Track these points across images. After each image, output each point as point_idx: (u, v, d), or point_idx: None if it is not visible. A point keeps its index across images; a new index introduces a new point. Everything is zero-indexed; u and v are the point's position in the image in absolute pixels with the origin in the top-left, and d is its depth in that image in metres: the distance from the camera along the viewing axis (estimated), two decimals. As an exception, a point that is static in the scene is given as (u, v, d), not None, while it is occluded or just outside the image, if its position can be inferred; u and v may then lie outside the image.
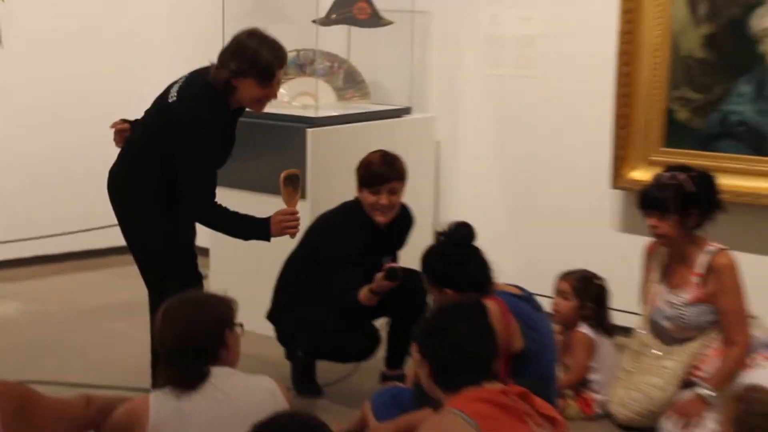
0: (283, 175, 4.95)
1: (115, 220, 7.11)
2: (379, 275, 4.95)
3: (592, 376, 5.23)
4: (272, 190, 5.21)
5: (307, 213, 5.75)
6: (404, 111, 6.73)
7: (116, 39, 7.78)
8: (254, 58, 4.69)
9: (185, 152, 4.72)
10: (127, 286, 6.83)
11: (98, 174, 7.18)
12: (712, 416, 4.68)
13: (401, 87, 6.85)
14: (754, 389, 3.73)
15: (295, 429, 2.67)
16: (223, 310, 3.55)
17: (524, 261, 6.36)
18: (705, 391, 4.74)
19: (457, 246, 4.62)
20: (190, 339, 3.41)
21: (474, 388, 3.29)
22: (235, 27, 6.52)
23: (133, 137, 5.02)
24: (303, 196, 5.90)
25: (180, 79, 4.95)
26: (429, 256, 4.68)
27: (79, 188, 7.57)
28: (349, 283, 5.06)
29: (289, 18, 6.89)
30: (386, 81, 6.94)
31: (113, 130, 5.14)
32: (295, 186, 4.94)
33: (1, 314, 3.52)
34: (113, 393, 5.11)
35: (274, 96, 4.90)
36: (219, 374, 3.41)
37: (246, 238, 4.97)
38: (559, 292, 5.33)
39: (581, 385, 5.22)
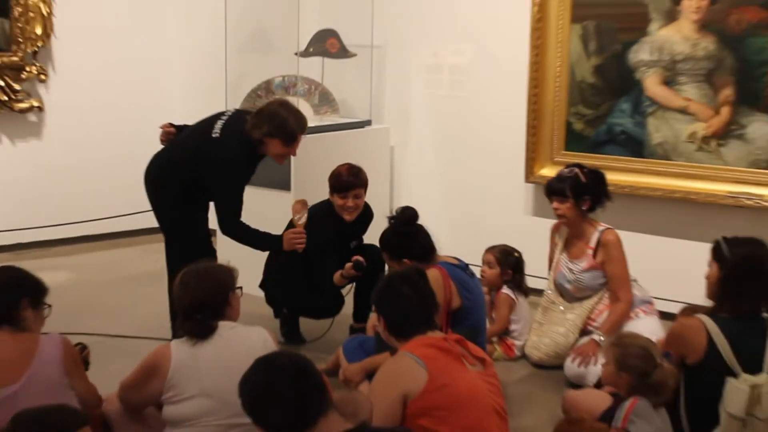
0: (293, 203, 5.09)
1: (141, 208, 7.22)
2: (349, 265, 5.09)
3: (513, 327, 5.33)
4: (266, 185, 5.32)
5: (290, 201, 5.77)
6: (366, 123, 6.78)
7: (139, 68, 7.78)
8: (283, 126, 4.81)
9: (220, 186, 4.86)
10: (152, 260, 6.80)
11: (129, 174, 7.26)
12: (602, 355, 4.83)
13: (363, 104, 6.87)
14: (627, 336, 3.90)
15: (285, 361, 2.76)
16: (226, 277, 3.63)
17: (458, 237, 6.38)
18: (598, 337, 4.87)
19: (405, 224, 4.69)
20: (201, 300, 3.49)
21: (421, 337, 3.41)
22: (235, 59, 6.66)
23: (177, 145, 5.06)
24: (288, 189, 6.05)
25: (224, 115, 5.01)
26: (385, 235, 4.75)
27: (113, 185, 7.59)
28: (326, 267, 5.17)
29: (276, 51, 7.01)
30: (351, 99, 6.97)
31: (161, 130, 5.21)
32: (302, 211, 5.03)
33: (55, 282, 3.61)
34: (141, 341, 5.34)
35: (294, 154, 5.00)
36: (224, 327, 3.50)
37: (263, 250, 5.14)
38: (486, 262, 5.39)
39: (504, 333, 5.33)
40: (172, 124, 5.26)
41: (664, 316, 5.22)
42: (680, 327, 3.94)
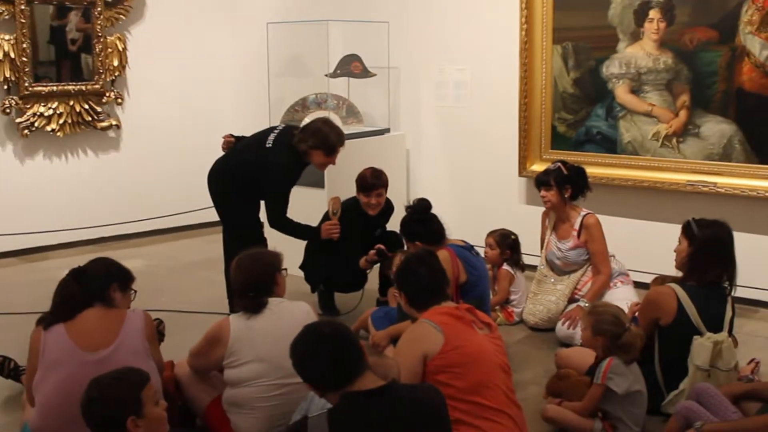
0: (329, 199, 5.06)
1: (201, 206, 7.23)
2: (372, 252, 5.04)
3: (512, 297, 5.24)
4: (304, 184, 5.26)
5: (325, 197, 5.78)
6: (385, 131, 6.70)
7: (198, 91, 7.78)
8: (325, 140, 4.76)
9: (271, 188, 4.83)
10: (211, 249, 6.77)
11: (190, 178, 7.34)
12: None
13: (382, 115, 6.82)
14: (600, 305, 3.83)
15: (328, 329, 2.72)
16: (273, 260, 3.59)
17: (464, 224, 6.18)
18: (583, 303, 4.81)
19: (419, 212, 4.62)
20: (253, 280, 3.46)
21: (436, 307, 3.35)
22: (276, 82, 6.62)
23: (236, 152, 5.02)
24: (322, 187, 5.99)
25: (276, 128, 5.00)
26: (403, 221, 4.68)
27: (177, 187, 7.57)
28: (355, 251, 5.12)
29: (310, 73, 6.96)
30: (372, 111, 6.90)
31: (223, 139, 5.18)
32: (336, 206, 5.00)
33: (133, 267, 3.58)
34: (204, 315, 5.29)
35: (334, 163, 4.93)
36: (273, 302, 3.47)
37: (305, 239, 5.11)
38: (487, 245, 5.31)
39: (505, 302, 5.24)
40: (232, 135, 5.23)
41: (638, 285, 5.16)
42: (655, 294, 3.90)
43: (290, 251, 4.47)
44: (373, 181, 5.16)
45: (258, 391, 3.32)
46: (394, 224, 5.26)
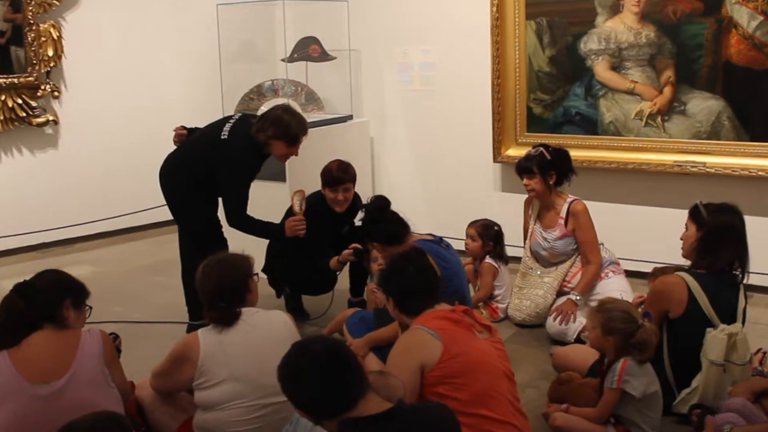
0: (292, 193, 4.77)
1: (150, 205, 6.92)
2: (347, 252, 4.78)
3: (496, 292, 5.02)
4: (263, 178, 4.94)
5: (287, 191, 5.51)
6: (348, 117, 6.46)
7: (142, 80, 7.40)
8: (287, 129, 4.49)
9: (229, 184, 4.53)
10: (163, 251, 6.62)
11: (136, 175, 7.03)
12: (579, 313, 4.57)
13: (344, 101, 6.59)
14: (608, 301, 3.58)
15: (320, 347, 2.38)
16: (245, 264, 3.29)
17: (435, 214, 6.16)
18: (574, 296, 4.62)
19: (373, 212, 4.38)
20: (224, 288, 3.16)
21: (429, 311, 3.09)
22: (228, 68, 6.34)
23: (188, 146, 4.74)
24: (284, 180, 5.70)
25: (231, 118, 4.71)
26: (361, 222, 4.46)
27: (124, 186, 7.26)
28: (321, 250, 4.88)
29: (265, 57, 6.75)
30: (334, 98, 6.66)
31: (174, 132, 4.89)
32: (301, 200, 4.70)
33: (80, 275, 3.23)
34: (161, 325, 5.03)
35: (296, 154, 4.67)
36: (247, 313, 3.17)
37: (268, 238, 4.84)
38: (469, 236, 5.07)
39: (489, 298, 5.02)
40: (184, 127, 4.93)
41: (628, 274, 4.96)
42: (662, 284, 3.70)
43: (251, 253, 4.17)
44: (339, 174, 4.87)
45: (234, 414, 3.01)
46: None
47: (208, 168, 4.53)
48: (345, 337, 4.29)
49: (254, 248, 4.67)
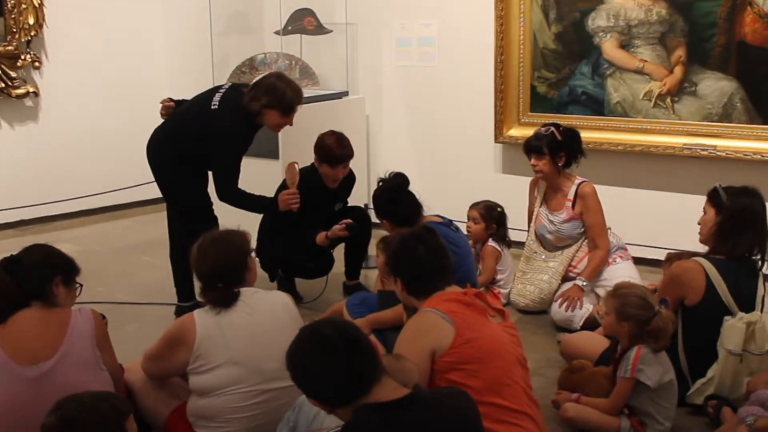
0: (287, 166, 4.65)
1: (137, 181, 6.79)
2: (338, 227, 4.67)
3: (499, 276, 4.92)
4: (255, 154, 4.86)
5: (280, 168, 5.42)
6: (343, 94, 6.34)
7: (128, 50, 7.23)
8: (282, 97, 4.36)
9: (220, 156, 4.41)
10: (147, 229, 6.53)
11: (121, 150, 6.90)
12: (586, 299, 4.50)
13: (340, 76, 6.47)
14: (624, 286, 3.50)
15: (332, 331, 2.27)
16: (242, 241, 3.17)
17: (433, 196, 5.75)
18: (581, 282, 4.54)
19: (389, 190, 4.28)
20: (222, 267, 3.04)
21: (440, 293, 2.97)
22: (220, 39, 6.22)
23: (176, 118, 4.59)
24: (276, 158, 5.59)
25: (222, 88, 4.56)
26: (374, 195, 4.35)
27: (107, 161, 7.11)
28: (315, 228, 4.77)
29: (258, 30, 6.64)
30: (329, 73, 6.54)
31: (161, 104, 4.72)
32: (294, 174, 4.58)
33: (61, 253, 3.16)
34: (148, 306, 4.94)
35: (291, 123, 4.53)
36: (246, 293, 3.05)
37: (260, 212, 4.70)
38: (471, 218, 4.97)
39: (491, 283, 4.92)
40: (171, 99, 4.77)
41: (636, 260, 4.88)
42: (679, 269, 3.61)
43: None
44: (341, 152, 4.76)
45: (233, 400, 2.89)
46: (355, 198, 5.00)
47: (198, 140, 4.40)
48: (346, 318, 4.19)
49: (247, 228, 4.62)
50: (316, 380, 2.24)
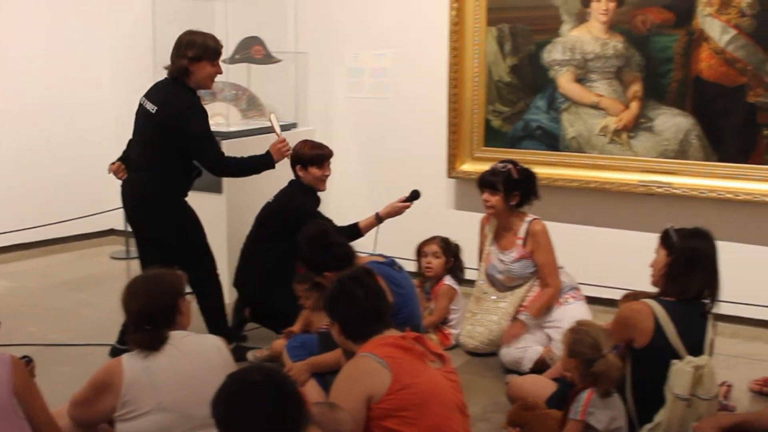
0: (270, 115, 4.97)
1: (75, 214, 6.75)
2: (402, 198, 5.11)
3: (451, 316, 5.00)
4: (199, 189, 4.88)
5: (223, 204, 5.52)
6: (292, 125, 6.40)
7: (69, 77, 7.22)
8: (205, 45, 4.53)
9: (195, 134, 4.50)
10: (86, 265, 6.53)
11: (62, 183, 6.86)
12: (534, 339, 4.60)
13: (288, 107, 6.55)
14: (584, 323, 3.59)
15: (260, 377, 2.32)
16: (176, 284, 3.19)
17: (383, 233, 5.91)
18: (524, 317, 4.65)
19: (315, 240, 4.27)
20: (151, 309, 3.06)
21: (378, 337, 3.06)
22: (165, 65, 6.23)
23: (140, 157, 4.62)
24: (220, 192, 5.62)
25: (145, 95, 4.65)
26: (303, 255, 4.31)
27: (42, 194, 7.08)
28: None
29: None
30: (277, 103, 6.59)
31: (111, 172, 4.74)
32: (277, 122, 4.90)
33: (-8, 290, 3.18)
34: (83, 348, 4.91)
35: (221, 72, 4.69)
36: (176, 336, 3.08)
37: (258, 171, 4.80)
38: (432, 253, 5.04)
39: (442, 323, 5.00)
40: (117, 161, 4.78)
41: (589, 300, 4.96)
42: (628, 311, 3.70)
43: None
44: (326, 150, 5.09)
45: (161, 447, 2.91)
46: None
47: (179, 151, 4.49)
48: (284, 361, 4.25)
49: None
50: (241, 428, 2.28)
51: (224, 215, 5.57)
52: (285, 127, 6.28)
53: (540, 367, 4.42)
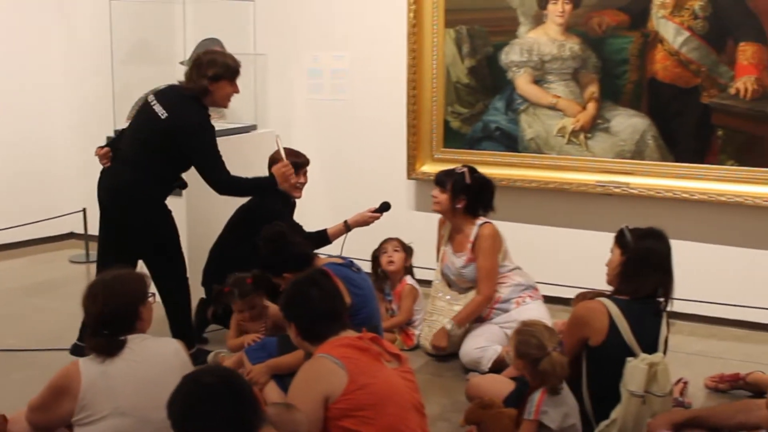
0: (276, 138, 4.97)
1: (27, 219, 6.69)
2: (371, 209, 5.10)
3: (416, 317, 5.05)
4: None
5: (183, 209, 5.47)
6: (252, 127, 6.41)
7: (22, 82, 7.14)
8: (225, 64, 4.56)
9: (201, 151, 4.52)
10: (44, 269, 6.47)
11: (14, 187, 6.80)
12: (495, 340, 4.65)
13: (248, 109, 6.54)
14: (529, 323, 3.64)
15: (213, 378, 2.37)
16: (137, 288, 3.19)
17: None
18: (449, 325, 4.72)
19: (271, 241, 4.31)
20: (109, 314, 3.06)
21: (335, 338, 3.10)
22: (121, 71, 6.23)
23: (131, 151, 4.59)
24: (180, 196, 5.61)
25: (155, 96, 4.63)
26: (262, 259, 4.34)
27: (1, 196, 6.99)
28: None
29: (162, 60, 6.63)
30: (236, 105, 6.48)
31: (98, 155, 4.69)
32: (278, 146, 4.91)
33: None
34: (40, 353, 4.87)
35: (238, 91, 4.72)
36: (134, 340, 3.09)
37: (259, 193, 4.92)
38: (393, 250, 5.09)
39: (406, 324, 5.04)
40: (105, 145, 4.77)
41: (547, 299, 5.04)
42: (582, 310, 3.78)
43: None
44: (302, 158, 5.14)
45: (119, 451, 2.93)
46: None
47: (170, 160, 4.52)
48: (245, 363, 4.27)
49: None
50: (197, 429, 2.31)
51: (184, 217, 5.55)
52: (245, 129, 6.35)
53: (500, 366, 4.45)
